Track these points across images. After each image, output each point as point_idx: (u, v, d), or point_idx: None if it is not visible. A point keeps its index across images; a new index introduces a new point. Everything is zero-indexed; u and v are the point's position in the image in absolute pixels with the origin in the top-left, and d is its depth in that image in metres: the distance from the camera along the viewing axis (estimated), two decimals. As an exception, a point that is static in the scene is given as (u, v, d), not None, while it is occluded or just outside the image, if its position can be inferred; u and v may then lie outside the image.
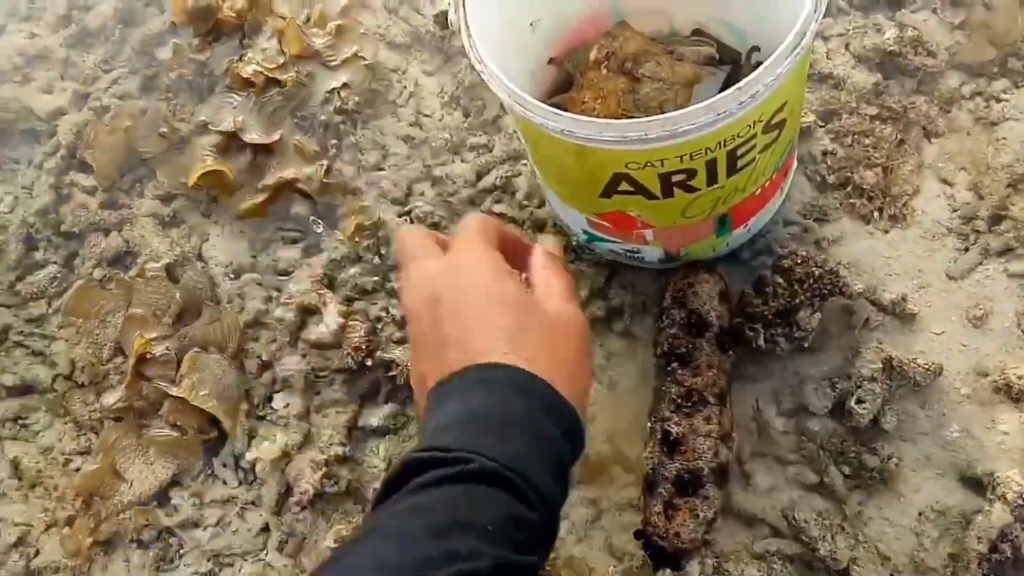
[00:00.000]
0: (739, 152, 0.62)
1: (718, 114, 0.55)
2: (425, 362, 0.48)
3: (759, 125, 0.61)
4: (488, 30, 0.65)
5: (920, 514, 0.73)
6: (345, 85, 0.88)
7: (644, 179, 0.64)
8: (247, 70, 0.87)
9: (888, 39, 0.84)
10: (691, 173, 0.63)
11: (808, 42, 0.55)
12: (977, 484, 0.72)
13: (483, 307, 0.48)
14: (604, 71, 0.78)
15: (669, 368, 0.75)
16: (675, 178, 0.63)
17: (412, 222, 0.87)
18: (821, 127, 0.86)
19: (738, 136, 0.60)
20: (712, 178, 0.65)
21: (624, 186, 0.65)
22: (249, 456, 0.80)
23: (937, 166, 0.84)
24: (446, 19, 0.90)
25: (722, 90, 0.84)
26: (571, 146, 0.61)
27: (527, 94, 0.59)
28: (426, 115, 0.91)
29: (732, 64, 0.83)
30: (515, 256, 0.56)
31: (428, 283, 0.50)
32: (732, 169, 0.64)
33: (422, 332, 0.49)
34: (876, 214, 0.83)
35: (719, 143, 0.60)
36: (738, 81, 0.82)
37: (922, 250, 0.82)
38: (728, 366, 0.77)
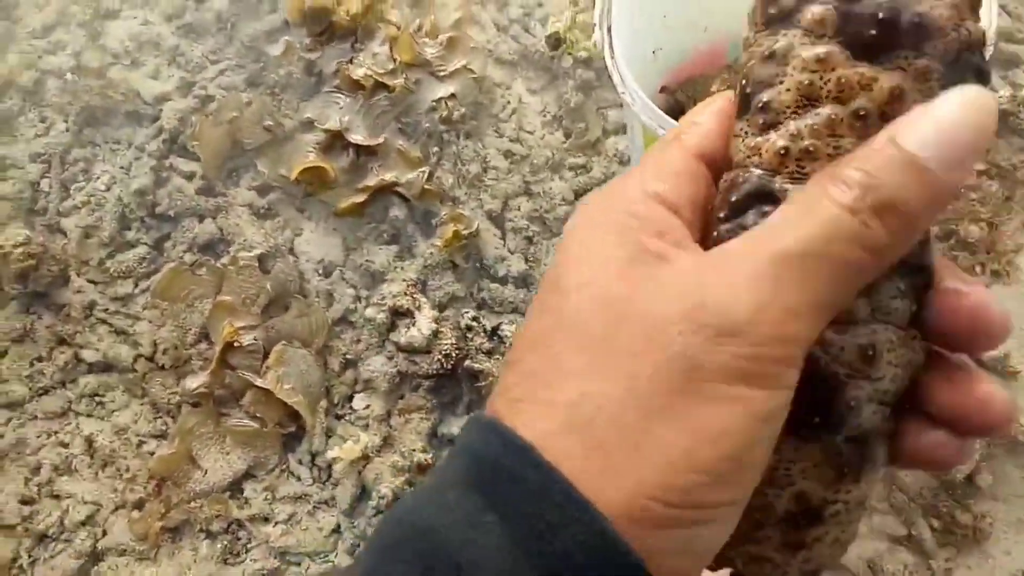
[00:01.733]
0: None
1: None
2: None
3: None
4: (619, 54, 0.65)
5: (1015, 577, 0.71)
6: (452, 96, 0.89)
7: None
8: (358, 72, 0.88)
9: (1001, 97, 0.85)
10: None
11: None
12: (1078, 552, 0.71)
13: None
14: (721, 102, 0.78)
15: None
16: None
17: (504, 236, 0.88)
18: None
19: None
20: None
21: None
22: (329, 455, 0.79)
23: (1040, 227, 0.84)
24: (557, 40, 0.91)
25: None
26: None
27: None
28: (528, 132, 0.92)
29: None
30: None
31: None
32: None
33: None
34: (979, 268, 0.83)
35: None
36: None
37: None
38: None
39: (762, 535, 0.27)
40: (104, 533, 0.80)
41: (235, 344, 0.82)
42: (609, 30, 0.64)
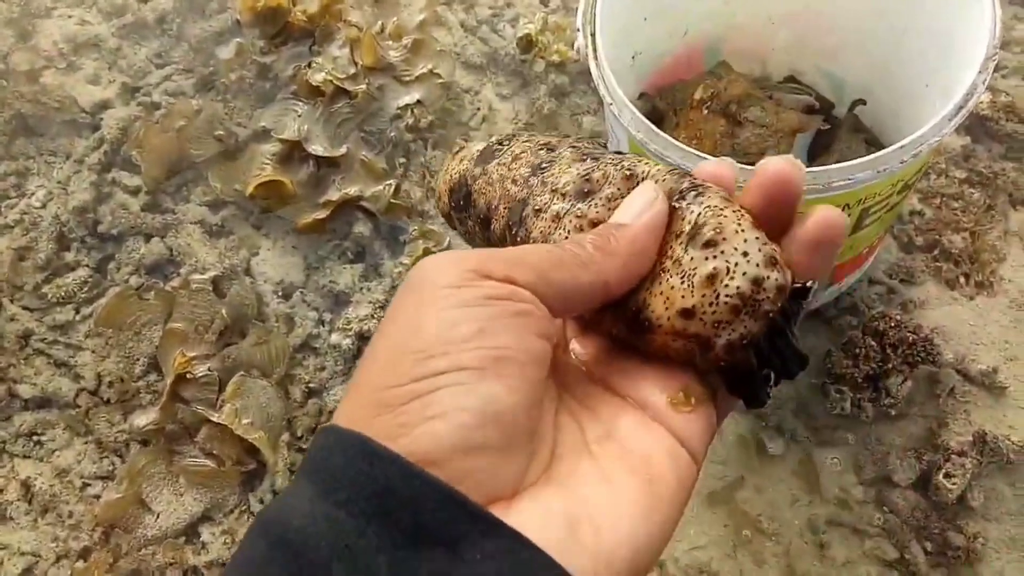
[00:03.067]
0: (872, 210, 0.59)
1: (878, 171, 0.51)
2: None
3: (899, 185, 0.58)
4: (603, 61, 0.61)
5: (1010, 601, 0.70)
6: (418, 102, 0.83)
7: (766, 229, 0.60)
8: (316, 77, 0.82)
9: (982, 103, 0.83)
10: (817, 227, 0.59)
11: (974, 102, 0.52)
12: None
13: None
14: (705, 111, 0.75)
15: None
16: (799, 231, 0.60)
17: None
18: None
19: (877, 195, 0.57)
20: (835, 234, 0.61)
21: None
22: (294, 493, 0.73)
23: (1023, 234, 0.83)
24: (529, 43, 0.86)
25: (814, 141, 0.81)
26: (698, 189, 0.57)
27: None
28: (499, 140, 0.87)
29: (825, 113, 0.81)
30: None
31: None
32: (858, 227, 0.61)
33: None
34: (962, 279, 0.81)
35: (860, 200, 0.57)
36: (835, 134, 0.80)
37: (1009, 320, 0.80)
38: None
39: None
40: (45, 587, 0.73)
41: (187, 376, 0.76)
42: (593, 36, 0.59)
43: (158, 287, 0.80)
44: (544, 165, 0.35)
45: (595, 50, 0.59)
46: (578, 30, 0.59)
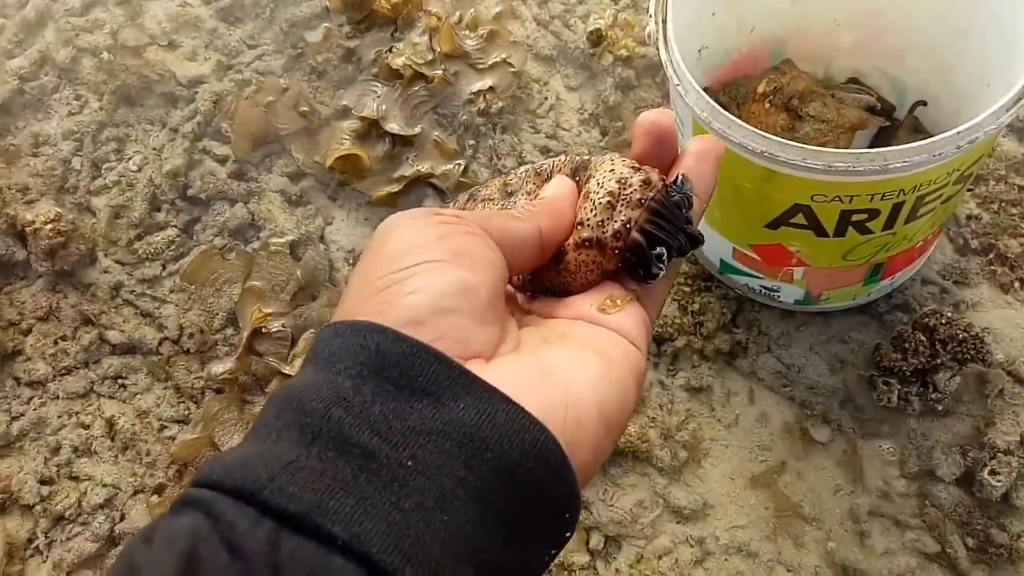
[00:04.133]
0: (927, 199, 0.61)
1: (933, 155, 0.54)
2: None
3: (955, 175, 0.60)
4: (673, 46, 0.64)
5: (1053, 599, 0.70)
6: (491, 88, 0.88)
7: (823, 214, 0.63)
8: (397, 61, 0.88)
9: (1046, 112, 0.83)
10: (873, 214, 0.62)
11: (1034, 93, 0.54)
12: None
13: None
14: (767, 105, 0.77)
15: None
16: (855, 217, 0.62)
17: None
18: (969, 190, 0.85)
19: (933, 182, 0.59)
20: (891, 223, 0.63)
21: (798, 219, 0.64)
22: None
23: (1082, 245, 0.83)
24: (599, 37, 0.90)
25: (873, 142, 0.83)
26: (759, 170, 0.60)
27: (722, 112, 0.59)
28: (564, 128, 0.91)
29: (886, 115, 0.83)
30: None
31: None
32: (913, 216, 0.63)
33: None
34: (1017, 284, 0.81)
35: (915, 187, 0.59)
36: (894, 134, 0.82)
37: (1063, 327, 0.80)
38: None
39: None
40: (122, 517, 0.79)
41: (263, 330, 0.81)
42: (664, 22, 0.63)
43: (239, 248, 0.86)
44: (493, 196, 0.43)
45: (665, 35, 0.62)
46: (650, 16, 0.63)
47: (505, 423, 0.27)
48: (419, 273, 0.30)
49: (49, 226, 0.85)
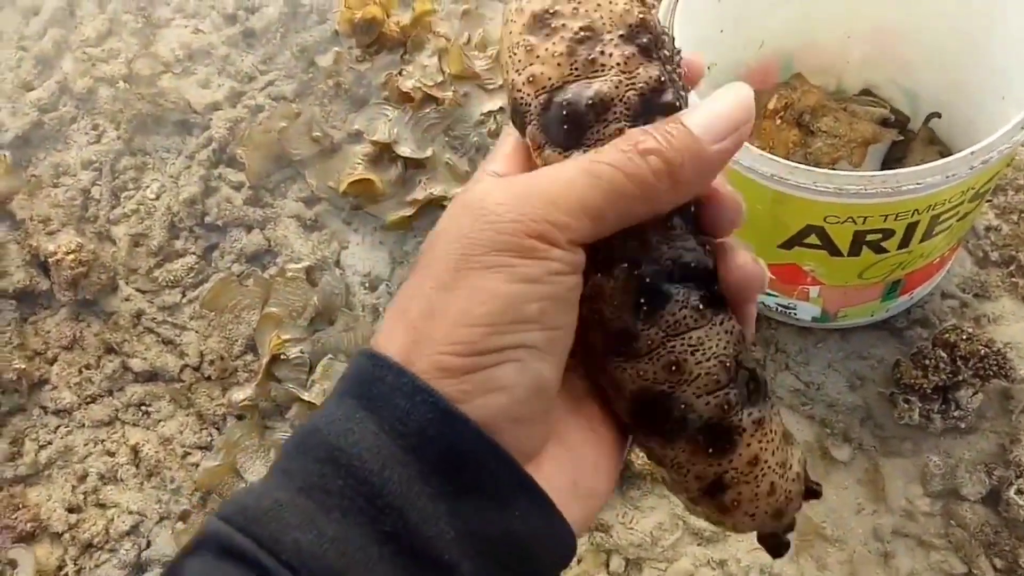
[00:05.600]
0: (942, 218, 0.60)
1: (947, 176, 0.53)
2: None
3: (970, 193, 0.59)
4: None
5: (1084, 621, 0.69)
6: (501, 109, 0.88)
7: (836, 234, 0.62)
8: (407, 84, 0.88)
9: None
10: (887, 234, 0.61)
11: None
12: None
13: None
14: (778, 121, 0.77)
15: None
16: (869, 237, 0.62)
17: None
18: (988, 202, 0.84)
19: (948, 202, 0.58)
20: (906, 242, 0.62)
21: (811, 239, 0.64)
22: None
23: (1108, 254, 0.81)
24: (608, 55, 0.89)
25: (887, 155, 0.82)
26: (769, 191, 0.60)
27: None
28: (576, 147, 0.91)
29: (900, 127, 0.82)
30: None
31: None
32: (928, 234, 0.62)
33: None
34: (1041, 297, 0.80)
35: (929, 207, 0.58)
36: (908, 146, 0.81)
37: (1088, 340, 0.78)
38: None
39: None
40: (148, 544, 0.80)
41: (281, 356, 0.82)
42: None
43: (257, 274, 0.87)
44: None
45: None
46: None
47: (555, 536, 0.29)
48: (508, 363, 0.28)
49: (71, 256, 0.86)
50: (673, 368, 0.30)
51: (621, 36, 0.31)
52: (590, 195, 0.28)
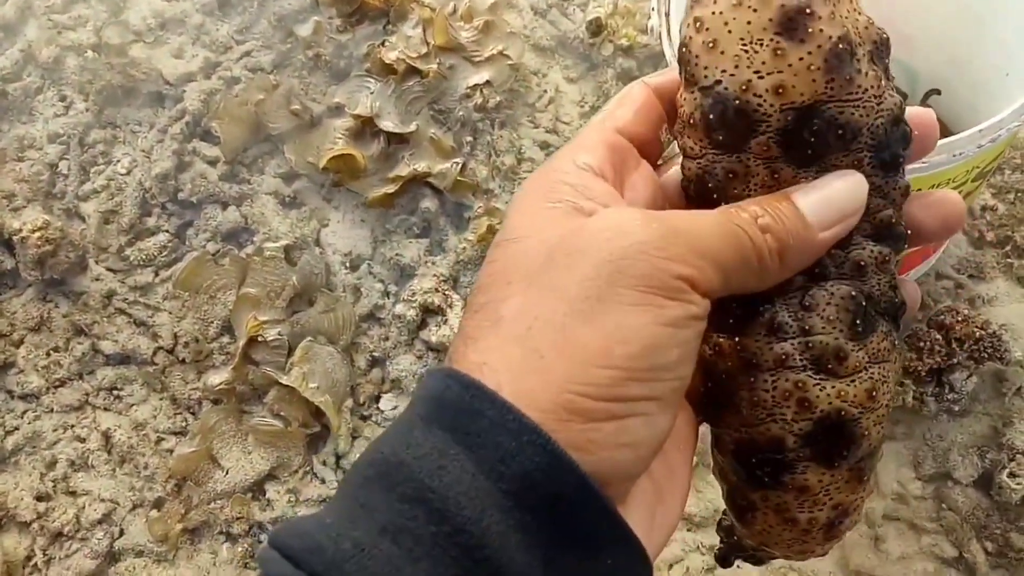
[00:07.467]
0: (945, 197, 0.58)
1: (953, 155, 0.51)
2: None
3: (973, 172, 0.57)
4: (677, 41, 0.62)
5: (1075, 605, 0.68)
6: (487, 82, 0.85)
7: (836, 214, 0.60)
8: (390, 56, 0.84)
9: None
10: (888, 214, 0.59)
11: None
12: None
13: None
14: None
15: None
16: (870, 217, 0.60)
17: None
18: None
19: (951, 181, 0.56)
20: (906, 222, 0.61)
21: (810, 219, 0.62)
22: (355, 457, 0.76)
23: (1103, 235, 0.80)
24: (598, 27, 0.87)
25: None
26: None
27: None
28: (564, 122, 0.88)
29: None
30: None
31: None
32: (930, 214, 0.60)
33: None
34: (1036, 278, 0.79)
35: (932, 186, 0.56)
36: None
37: (1083, 322, 0.78)
38: None
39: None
40: (121, 533, 0.78)
41: (259, 339, 0.79)
42: (667, 15, 0.60)
43: (233, 253, 0.84)
44: None
45: (668, 29, 0.59)
46: (652, 10, 0.60)
47: None
48: (639, 415, 0.26)
49: (37, 234, 0.83)
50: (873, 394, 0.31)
51: (870, 53, 0.29)
52: (726, 253, 0.28)
